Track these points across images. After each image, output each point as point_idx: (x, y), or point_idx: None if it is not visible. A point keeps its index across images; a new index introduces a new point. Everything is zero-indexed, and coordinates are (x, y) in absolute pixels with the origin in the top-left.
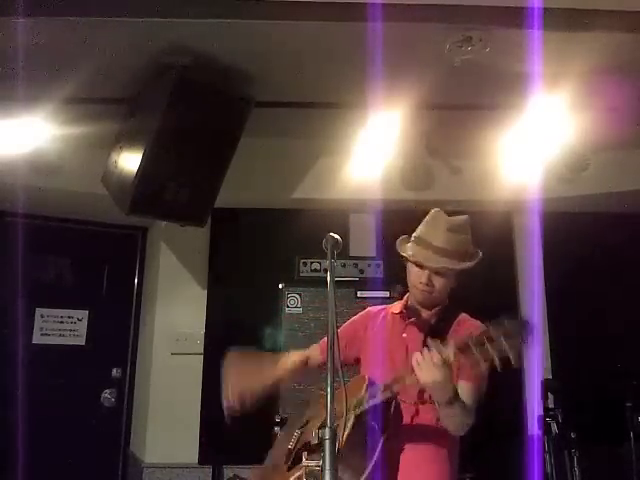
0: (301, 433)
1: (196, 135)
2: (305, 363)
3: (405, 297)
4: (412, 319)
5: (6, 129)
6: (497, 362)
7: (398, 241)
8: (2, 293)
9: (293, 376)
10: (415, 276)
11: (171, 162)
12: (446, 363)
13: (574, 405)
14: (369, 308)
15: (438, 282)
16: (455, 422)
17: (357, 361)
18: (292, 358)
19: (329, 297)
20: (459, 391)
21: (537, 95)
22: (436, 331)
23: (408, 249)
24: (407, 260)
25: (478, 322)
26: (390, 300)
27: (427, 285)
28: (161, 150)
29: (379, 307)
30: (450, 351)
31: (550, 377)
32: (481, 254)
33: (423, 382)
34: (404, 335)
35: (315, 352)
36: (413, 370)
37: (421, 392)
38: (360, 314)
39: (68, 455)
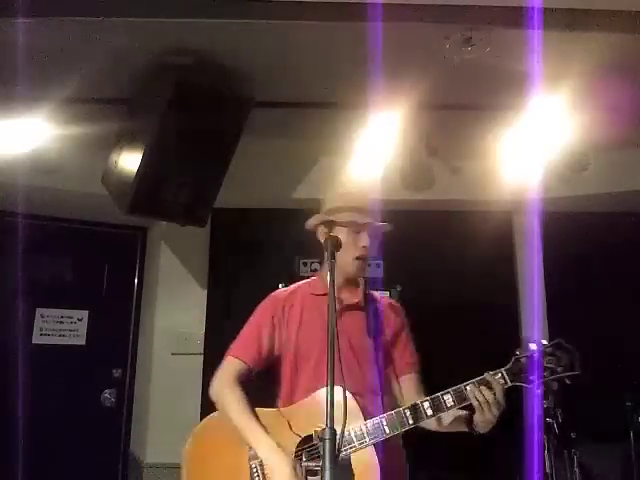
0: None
1: (196, 135)
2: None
3: (319, 275)
4: (349, 302)
5: (6, 129)
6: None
7: (313, 221)
8: (2, 293)
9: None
10: (352, 244)
11: (171, 162)
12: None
13: (574, 405)
14: (273, 294)
15: (372, 247)
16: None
17: (274, 361)
18: (246, 407)
19: (329, 297)
20: (418, 381)
21: (537, 95)
22: (372, 312)
23: (344, 217)
24: (340, 225)
25: (392, 299)
26: None
27: (368, 249)
28: (161, 150)
29: (285, 290)
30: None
31: None
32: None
33: (483, 421)
34: (339, 320)
35: (238, 366)
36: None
37: None
38: (267, 301)
39: (68, 455)
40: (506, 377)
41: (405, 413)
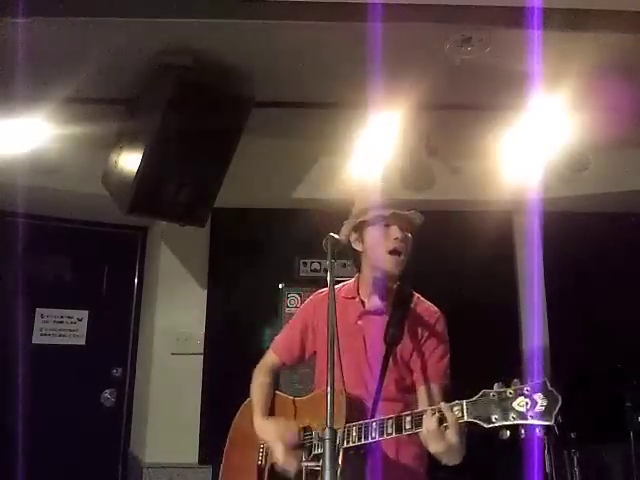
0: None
1: (196, 135)
2: (274, 377)
3: (354, 279)
4: (370, 307)
5: (6, 129)
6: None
7: (344, 232)
8: (2, 293)
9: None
10: (383, 239)
11: (171, 162)
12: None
13: (574, 405)
14: (314, 294)
15: (406, 241)
16: (458, 457)
17: (314, 354)
18: (262, 392)
19: (329, 297)
20: (432, 392)
21: (537, 95)
22: (395, 319)
23: (370, 215)
24: (367, 225)
25: (432, 306)
26: None
27: (401, 241)
28: (161, 150)
29: (324, 291)
30: (464, 411)
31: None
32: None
33: (434, 451)
34: (359, 323)
35: (274, 359)
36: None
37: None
38: (305, 302)
39: (68, 455)
40: (464, 410)
41: (372, 426)
